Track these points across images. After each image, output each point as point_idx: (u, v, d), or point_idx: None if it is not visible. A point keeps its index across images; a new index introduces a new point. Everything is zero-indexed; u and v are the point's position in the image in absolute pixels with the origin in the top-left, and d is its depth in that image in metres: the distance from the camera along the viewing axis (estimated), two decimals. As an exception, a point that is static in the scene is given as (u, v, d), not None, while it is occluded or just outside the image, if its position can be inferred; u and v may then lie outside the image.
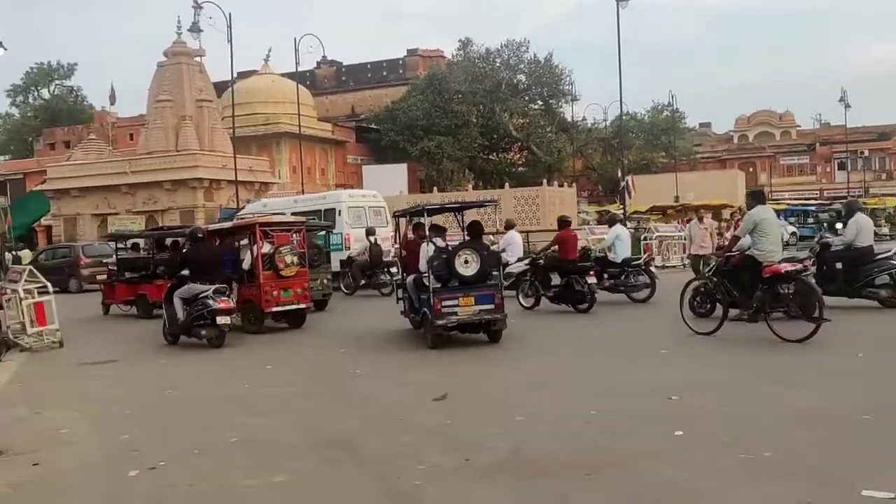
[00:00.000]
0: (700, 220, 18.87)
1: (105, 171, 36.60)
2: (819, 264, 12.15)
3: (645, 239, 23.69)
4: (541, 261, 14.73)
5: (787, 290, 9.42)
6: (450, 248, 10.73)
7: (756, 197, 10.65)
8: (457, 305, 10.22)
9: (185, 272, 11.98)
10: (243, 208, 29.78)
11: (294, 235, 14.38)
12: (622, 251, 15.11)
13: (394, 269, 17.87)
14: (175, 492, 5.01)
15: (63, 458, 5.94)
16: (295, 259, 13.59)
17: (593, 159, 60.53)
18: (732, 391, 7.28)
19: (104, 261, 19.77)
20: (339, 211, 21.72)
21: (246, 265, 13.76)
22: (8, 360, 11.37)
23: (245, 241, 14.43)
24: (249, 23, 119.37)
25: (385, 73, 68.80)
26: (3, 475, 5.47)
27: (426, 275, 10.43)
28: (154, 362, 10.80)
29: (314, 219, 19.67)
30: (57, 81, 70.69)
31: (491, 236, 17.08)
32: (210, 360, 10.64)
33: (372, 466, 5.37)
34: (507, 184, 33.78)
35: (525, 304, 14.51)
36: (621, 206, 34.77)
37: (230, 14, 28.87)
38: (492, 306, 10.33)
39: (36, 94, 70.45)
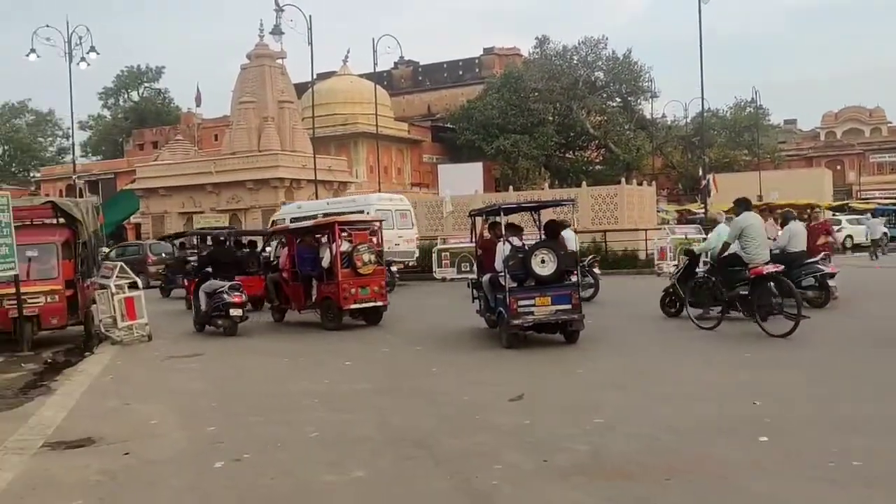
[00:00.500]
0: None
1: (191, 170, 37.81)
2: None
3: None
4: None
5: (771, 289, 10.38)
6: (526, 247, 10.68)
7: (742, 204, 11.38)
8: (533, 305, 10.17)
9: (209, 270, 13.92)
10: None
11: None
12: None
13: (393, 268, 18.52)
14: (258, 484, 5.14)
15: (152, 448, 6.16)
16: (372, 257, 13.77)
17: (673, 157, 59.30)
18: (816, 397, 7.04)
19: (188, 257, 20.64)
20: (367, 213, 22.24)
21: (325, 263, 14.02)
22: (100, 353, 11.86)
23: (324, 240, 14.68)
24: (329, 25, 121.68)
25: (461, 73, 69.00)
26: (97, 463, 5.71)
27: (502, 274, 10.42)
28: (236, 357, 11.11)
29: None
30: (146, 84, 73.49)
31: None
32: (290, 356, 10.87)
33: (448, 465, 5.39)
34: (584, 182, 33.39)
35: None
36: (702, 206, 33.95)
37: (310, 16, 29.49)
38: (569, 306, 10.25)
39: (126, 96, 73.34)
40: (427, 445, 5.87)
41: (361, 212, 22.69)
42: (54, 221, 14.22)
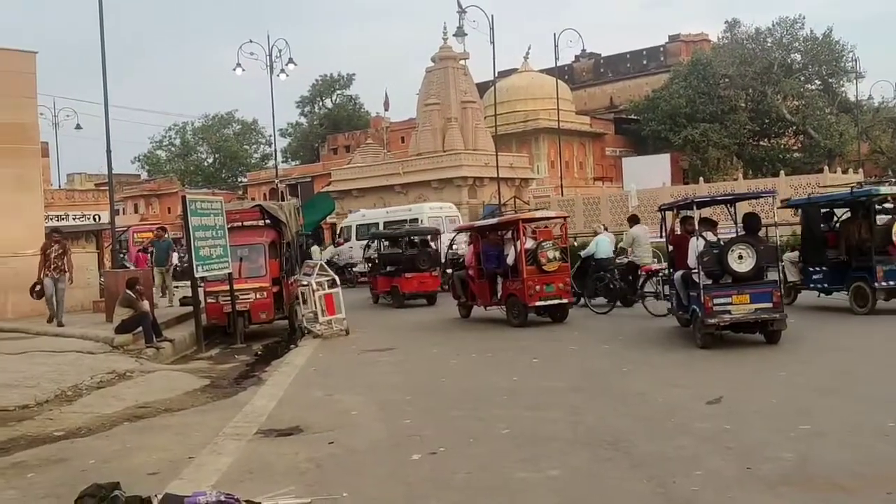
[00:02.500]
0: None
1: (380, 172, 39.38)
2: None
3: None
4: None
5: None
6: (721, 242, 10.17)
7: (633, 220, 15.83)
8: (730, 303, 9.68)
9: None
10: (504, 205, 30.64)
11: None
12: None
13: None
14: (455, 478, 5.25)
15: (354, 438, 6.46)
16: (557, 254, 13.68)
17: (881, 142, 54.19)
18: None
19: (369, 255, 22.16)
20: (421, 220, 24.70)
21: (510, 260, 14.09)
22: (303, 346, 12.64)
23: (509, 237, 14.77)
24: (510, 22, 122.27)
25: (645, 62, 67.01)
26: (304, 451, 6.08)
27: (695, 271, 10.00)
28: (428, 351, 11.45)
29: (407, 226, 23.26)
30: (338, 91, 77.28)
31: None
32: (478, 352, 11.04)
33: (646, 468, 5.24)
34: (781, 172, 31.36)
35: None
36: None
37: (492, 16, 29.79)
38: (769, 305, 9.66)
39: (321, 104, 77.53)
40: (622, 447, 5.75)
41: (416, 220, 25.17)
42: (262, 223, 15.34)
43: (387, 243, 20.89)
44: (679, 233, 11.69)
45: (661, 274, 13.21)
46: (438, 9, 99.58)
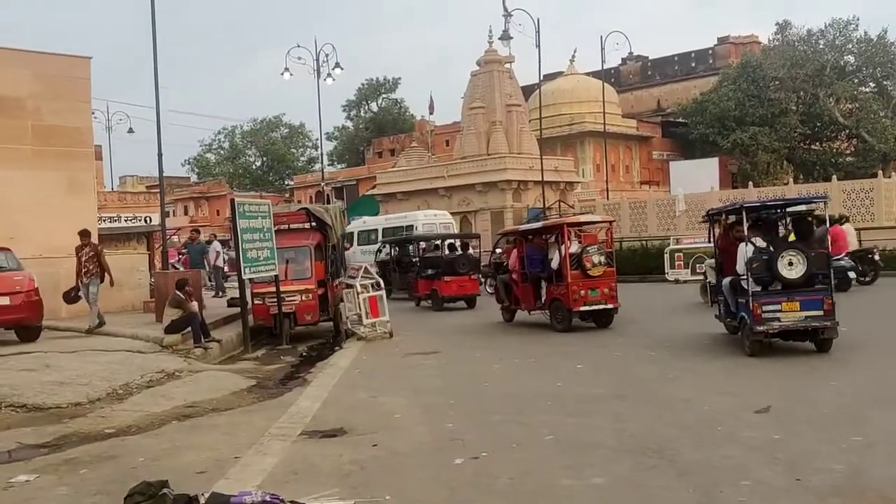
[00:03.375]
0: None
1: (425, 175, 39.51)
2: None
3: None
4: None
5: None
6: (771, 248, 9.98)
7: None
8: (779, 311, 9.49)
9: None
10: (548, 209, 30.54)
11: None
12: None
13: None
14: (498, 483, 5.24)
15: (397, 441, 6.49)
16: (602, 259, 13.57)
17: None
18: None
19: (381, 258, 23.40)
20: (416, 227, 25.43)
21: (554, 264, 14.00)
22: (347, 348, 12.74)
23: (553, 241, 14.69)
24: (556, 25, 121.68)
25: (693, 65, 66.15)
26: (348, 453, 6.12)
27: (744, 277, 9.83)
28: (470, 355, 11.45)
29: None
30: (384, 95, 77.85)
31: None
32: (521, 357, 11.00)
33: (692, 477, 5.16)
34: (833, 176, 30.63)
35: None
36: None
37: (538, 19, 29.73)
38: (821, 312, 9.46)
39: (366, 107, 78.17)
40: (668, 455, 5.67)
41: (412, 227, 25.69)
42: (307, 226, 15.50)
43: (423, 246, 21.22)
44: (727, 238, 11.51)
45: (708, 281, 13.03)
46: (484, 12, 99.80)
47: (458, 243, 20.32)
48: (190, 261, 17.76)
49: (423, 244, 22.01)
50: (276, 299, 13.39)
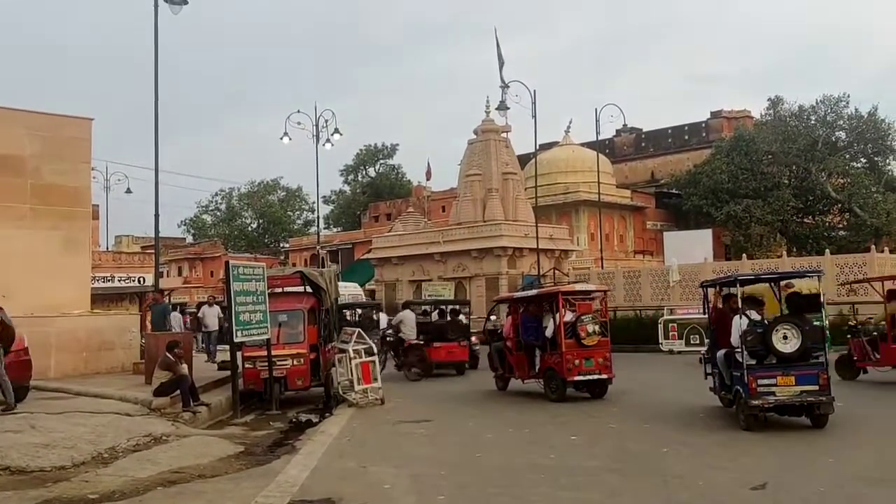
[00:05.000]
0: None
1: (420, 241, 39.67)
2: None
3: None
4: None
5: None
6: (766, 321, 9.98)
7: (405, 306, 20.59)
8: (774, 385, 9.46)
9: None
10: (543, 276, 30.59)
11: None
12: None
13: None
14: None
15: (387, 512, 6.35)
16: (597, 328, 13.54)
17: (930, 222, 53.26)
18: None
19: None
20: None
21: (548, 333, 13.97)
22: (338, 414, 12.57)
23: (548, 309, 14.67)
24: (552, 96, 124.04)
25: (687, 137, 67.20)
26: (337, 524, 5.98)
27: (739, 350, 9.80)
28: (463, 424, 11.29)
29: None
30: (381, 161, 78.77)
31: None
32: (515, 427, 10.87)
33: (687, 557, 5.05)
34: (826, 250, 30.83)
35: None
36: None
37: (534, 91, 30.27)
38: (816, 387, 9.42)
39: (364, 172, 78.97)
40: (662, 533, 5.56)
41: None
42: (302, 289, 15.48)
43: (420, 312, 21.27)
44: (721, 309, 11.51)
45: (701, 353, 12.98)
46: (482, 82, 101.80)
47: (447, 309, 20.35)
48: (153, 323, 17.27)
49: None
50: (267, 363, 13.27)
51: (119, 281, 30.59)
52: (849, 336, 15.60)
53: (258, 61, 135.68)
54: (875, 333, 14.95)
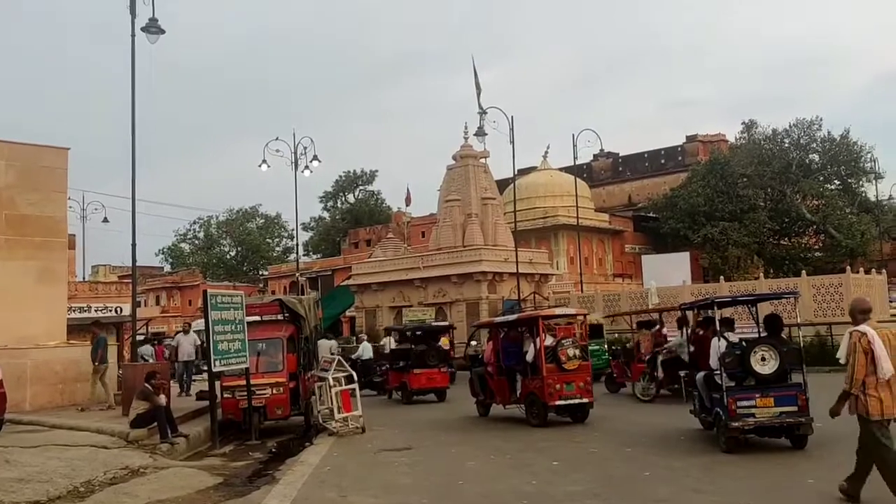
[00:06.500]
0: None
1: (400, 266, 39.61)
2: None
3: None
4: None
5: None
6: (744, 343, 10.05)
7: (387, 332, 23.27)
8: (754, 406, 9.50)
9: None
10: (523, 301, 30.61)
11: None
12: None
13: None
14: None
15: (368, 543, 6.28)
16: (577, 352, 13.56)
17: (904, 241, 54.10)
18: None
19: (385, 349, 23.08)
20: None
21: (529, 357, 13.96)
22: (318, 443, 12.45)
23: (528, 333, 14.68)
24: (529, 122, 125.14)
25: (663, 161, 68.04)
26: (318, 555, 5.91)
27: (718, 372, 9.85)
28: (445, 451, 11.23)
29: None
30: (360, 187, 78.88)
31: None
32: (497, 453, 10.82)
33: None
34: (803, 271, 31.18)
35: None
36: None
37: (512, 117, 30.53)
38: (795, 408, 9.48)
39: (343, 199, 79.01)
40: (644, 558, 5.54)
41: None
42: (281, 317, 15.39)
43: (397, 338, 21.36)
44: (700, 332, 11.60)
45: (683, 374, 13.03)
46: (460, 108, 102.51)
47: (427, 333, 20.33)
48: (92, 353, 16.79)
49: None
50: (245, 393, 13.15)
51: (96, 311, 30.19)
52: (611, 358, 19.76)
53: (238, 89, 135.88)
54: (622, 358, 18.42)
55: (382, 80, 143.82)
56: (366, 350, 22.68)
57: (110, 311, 30.60)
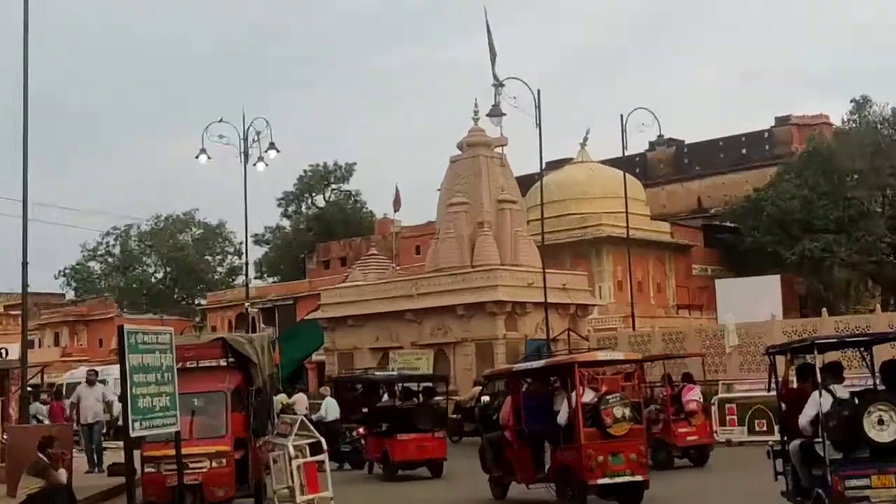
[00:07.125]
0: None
1: (387, 294, 39.53)
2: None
3: None
4: None
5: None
6: (855, 399, 10.02)
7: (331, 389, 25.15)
8: (868, 487, 9.46)
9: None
10: (553, 341, 30.55)
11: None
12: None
13: None
14: None
15: None
16: (627, 412, 13.53)
17: None
18: None
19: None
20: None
21: (561, 419, 13.92)
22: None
23: (560, 386, 14.66)
24: (562, 100, 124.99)
25: (744, 151, 68.32)
26: None
27: (818, 440, 9.82)
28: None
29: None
30: (333, 186, 79.06)
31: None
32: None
33: None
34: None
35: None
36: None
37: (538, 91, 30.37)
38: (923, 489, 9.43)
39: (310, 201, 79.23)
40: None
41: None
42: (224, 363, 15.39)
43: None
44: (796, 385, 11.55)
45: (770, 444, 12.99)
46: (469, 82, 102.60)
47: (420, 387, 20.19)
48: None
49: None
50: (175, 466, 13.12)
51: (-28, 354, 30.21)
52: None
53: (168, 62, 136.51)
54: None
55: (365, 42, 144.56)
56: (331, 408, 22.28)
57: (-8, 353, 30.56)
